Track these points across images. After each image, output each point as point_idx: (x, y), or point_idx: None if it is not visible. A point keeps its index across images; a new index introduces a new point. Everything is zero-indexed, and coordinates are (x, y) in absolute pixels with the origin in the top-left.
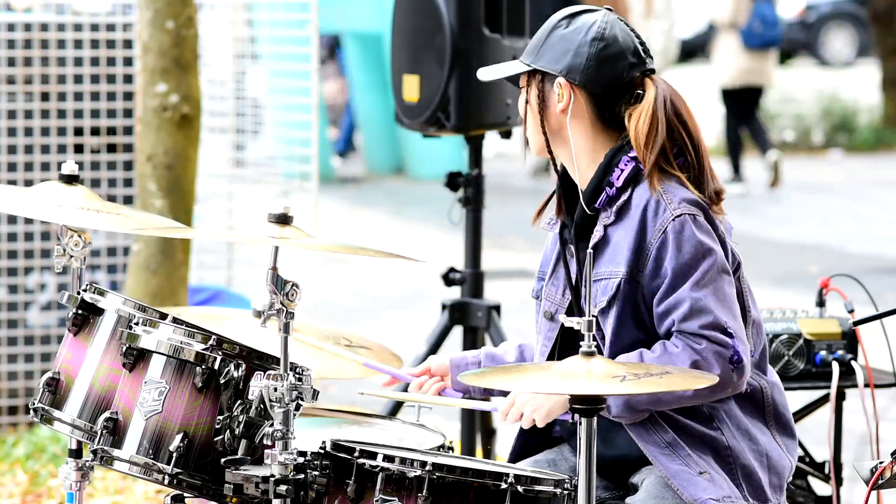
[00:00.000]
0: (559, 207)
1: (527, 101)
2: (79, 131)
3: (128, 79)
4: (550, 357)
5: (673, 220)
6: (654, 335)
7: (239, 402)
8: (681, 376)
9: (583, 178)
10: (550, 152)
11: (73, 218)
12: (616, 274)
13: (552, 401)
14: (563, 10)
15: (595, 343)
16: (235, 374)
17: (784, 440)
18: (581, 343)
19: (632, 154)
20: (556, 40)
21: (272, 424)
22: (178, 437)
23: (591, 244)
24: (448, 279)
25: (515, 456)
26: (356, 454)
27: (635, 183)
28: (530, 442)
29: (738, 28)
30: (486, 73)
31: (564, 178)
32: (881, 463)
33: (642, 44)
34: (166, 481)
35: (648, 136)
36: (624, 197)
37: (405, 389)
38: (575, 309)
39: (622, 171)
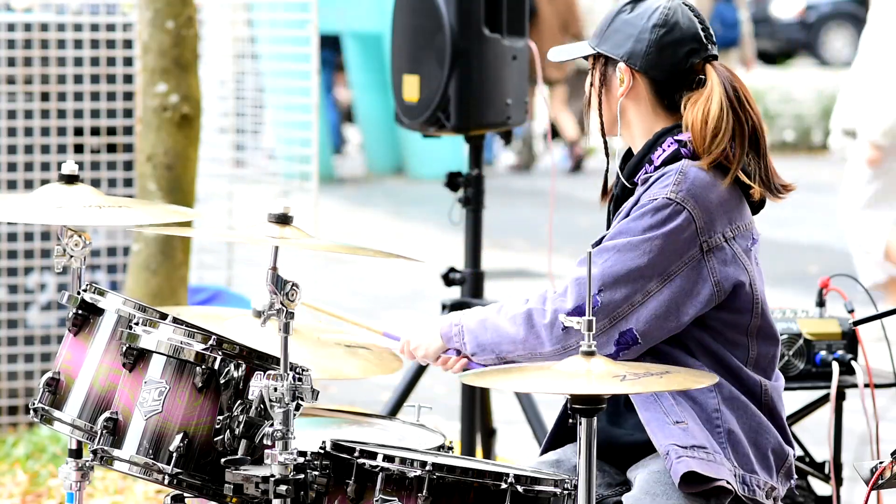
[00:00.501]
0: (610, 186)
1: (591, 84)
2: (79, 131)
3: (128, 79)
4: None
5: (664, 198)
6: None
7: (239, 402)
8: (681, 376)
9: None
10: (604, 134)
11: (76, 216)
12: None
13: (428, 342)
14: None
15: (594, 343)
16: (235, 374)
17: (779, 433)
18: (581, 343)
19: (678, 136)
20: (620, 24)
21: (272, 424)
22: (178, 437)
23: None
24: (448, 279)
25: (549, 445)
26: (356, 454)
27: (671, 162)
28: (563, 432)
29: None
30: (555, 55)
31: (625, 158)
32: (881, 463)
33: (706, 29)
34: (166, 481)
35: (706, 123)
36: (658, 174)
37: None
38: None
39: (664, 150)
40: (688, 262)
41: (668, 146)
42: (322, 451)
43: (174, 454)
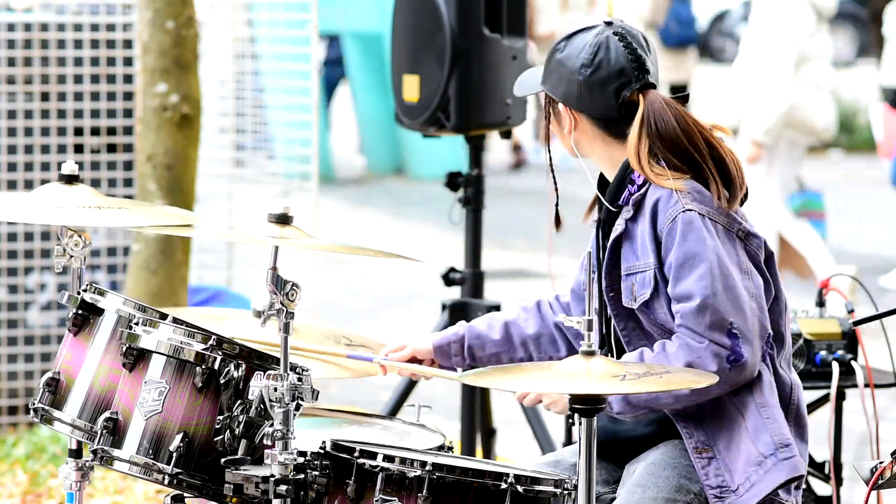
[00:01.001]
0: (591, 207)
1: (544, 117)
2: (79, 131)
3: (128, 79)
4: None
5: (683, 211)
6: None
7: (239, 402)
8: (681, 375)
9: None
10: (552, 167)
11: (75, 217)
12: (648, 265)
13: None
14: (567, 27)
15: (596, 341)
16: (235, 374)
17: (799, 444)
18: (581, 343)
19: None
20: (556, 64)
21: (272, 424)
22: (178, 437)
23: (611, 238)
24: (448, 279)
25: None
26: (356, 454)
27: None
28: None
29: (656, 27)
30: (518, 89)
31: (602, 180)
32: (881, 463)
33: (637, 59)
34: (166, 481)
35: (640, 152)
36: (642, 191)
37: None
38: (603, 306)
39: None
40: (740, 252)
41: (637, 177)
42: (322, 451)
43: (174, 454)
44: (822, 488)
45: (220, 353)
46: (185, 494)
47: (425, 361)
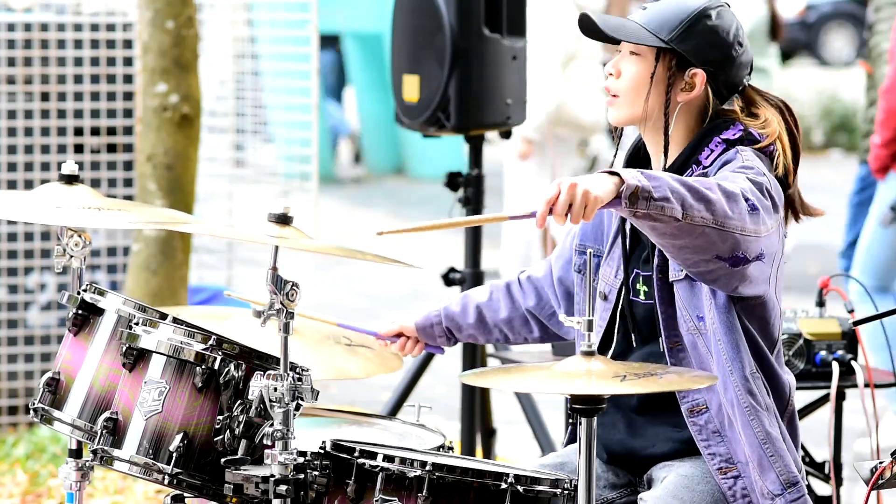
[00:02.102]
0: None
1: (652, 76)
2: (79, 131)
3: (128, 79)
4: (606, 338)
5: (742, 163)
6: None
7: (239, 402)
8: (680, 375)
9: (669, 158)
10: (616, 127)
11: (75, 218)
12: None
13: (602, 185)
14: None
15: (592, 343)
16: (235, 374)
17: (790, 445)
18: (581, 342)
19: (724, 136)
20: (703, 29)
21: (272, 424)
22: (178, 437)
23: None
24: (448, 279)
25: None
26: (356, 454)
27: (723, 165)
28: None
29: None
30: (622, 33)
31: (634, 157)
32: (881, 463)
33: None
34: (166, 481)
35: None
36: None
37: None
38: (627, 289)
39: (712, 151)
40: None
41: (716, 146)
42: (322, 451)
43: (174, 454)
44: (822, 488)
45: (220, 353)
46: (185, 494)
47: (412, 339)
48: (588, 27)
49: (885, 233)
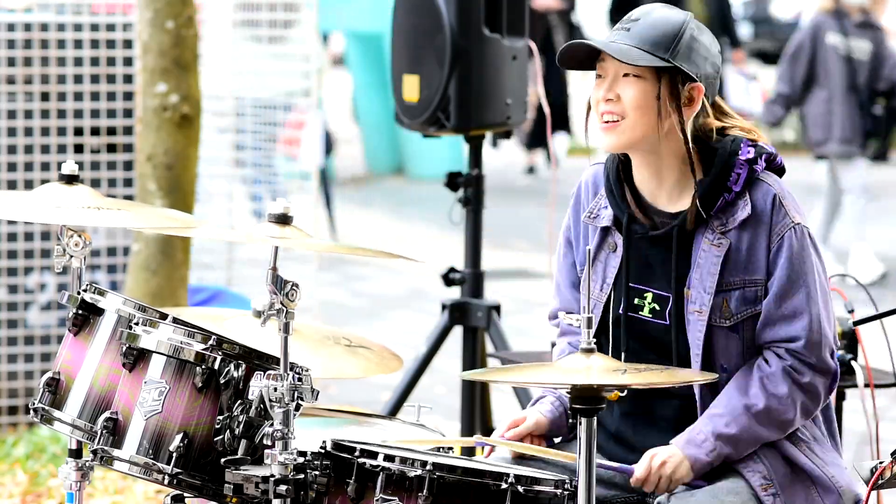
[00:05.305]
0: (633, 208)
1: (658, 96)
2: (79, 131)
3: (128, 79)
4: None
5: (793, 226)
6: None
7: (239, 402)
8: (680, 372)
9: (662, 181)
10: (612, 152)
11: (75, 217)
12: (755, 283)
13: (681, 471)
14: (680, 10)
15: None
16: (235, 374)
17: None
18: (580, 341)
19: (743, 157)
20: (692, 43)
21: (272, 424)
22: (178, 437)
23: (705, 251)
24: (448, 279)
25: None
26: (357, 454)
27: (751, 186)
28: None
29: None
30: (626, 56)
31: (620, 179)
32: (881, 463)
33: None
34: (166, 481)
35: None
36: (742, 201)
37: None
38: (615, 307)
39: (739, 174)
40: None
41: (741, 169)
42: (322, 451)
43: (174, 454)
44: None
45: (220, 353)
46: (185, 494)
47: (536, 438)
48: (572, 56)
49: None
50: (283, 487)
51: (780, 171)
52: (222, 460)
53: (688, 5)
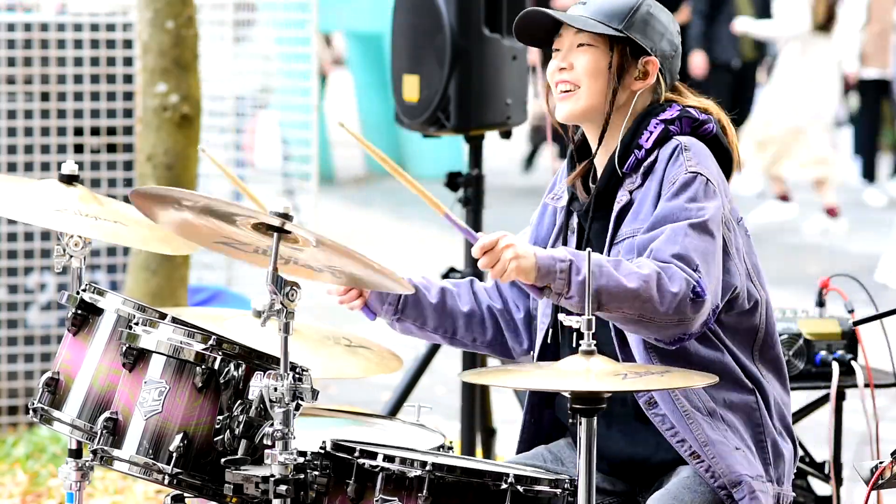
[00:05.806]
0: (580, 180)
1: (609, 65)
2: (79, 131)
3: (128, 79)
4: (548, 333)
5: (686, 173)
6: None
7: (239, 402)
8: (681, 374)
9: (608, 148)
10: (568, 122)
11: (71, 225)
12: (638, 231)
13: (525, 262)
14: None
15: (594, 341)
16: (235, 374)
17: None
18: (581, 342)
19: (662, 117)
20: (647, 17)
21: (272, 424)
22: (178, 437)
23: (614, 211)
24: (448, 279)
25: (526, 444)
26: (356, 454)
27: (661, 144)
28: (541, 433)
29: None
30: (580, 23)
31: (581, 151)
32: (881, 463)
33: None
34: (166, 481)
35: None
36: (651, 158)
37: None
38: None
39: (651, 133)
40: (725, 226)
41: (654, 127)
42: (322, 451)
43: (174, 454)
44: (822, 488)
45: (220, 353)
46: (185, 494)
47: (356, 290)
48: (529, 24)
49: None
50: (283, 487)
51: (708, 139)
52: (222, 460)
53: (736, 4)
